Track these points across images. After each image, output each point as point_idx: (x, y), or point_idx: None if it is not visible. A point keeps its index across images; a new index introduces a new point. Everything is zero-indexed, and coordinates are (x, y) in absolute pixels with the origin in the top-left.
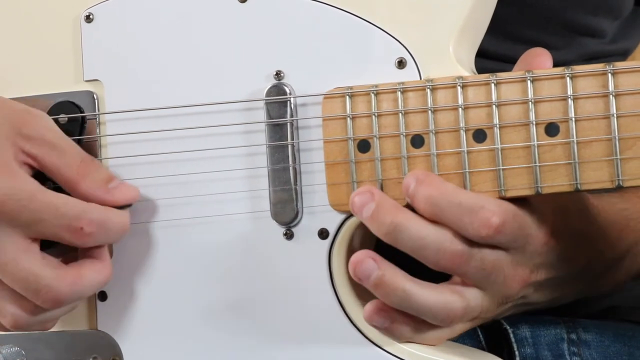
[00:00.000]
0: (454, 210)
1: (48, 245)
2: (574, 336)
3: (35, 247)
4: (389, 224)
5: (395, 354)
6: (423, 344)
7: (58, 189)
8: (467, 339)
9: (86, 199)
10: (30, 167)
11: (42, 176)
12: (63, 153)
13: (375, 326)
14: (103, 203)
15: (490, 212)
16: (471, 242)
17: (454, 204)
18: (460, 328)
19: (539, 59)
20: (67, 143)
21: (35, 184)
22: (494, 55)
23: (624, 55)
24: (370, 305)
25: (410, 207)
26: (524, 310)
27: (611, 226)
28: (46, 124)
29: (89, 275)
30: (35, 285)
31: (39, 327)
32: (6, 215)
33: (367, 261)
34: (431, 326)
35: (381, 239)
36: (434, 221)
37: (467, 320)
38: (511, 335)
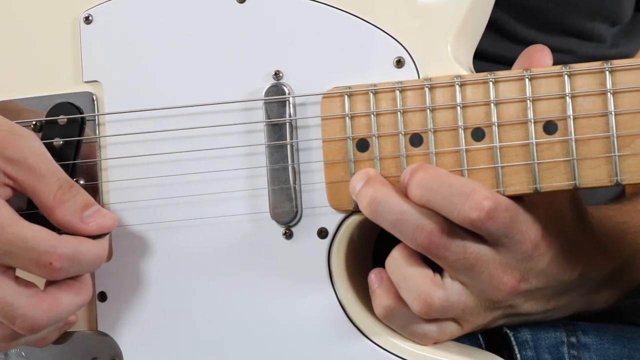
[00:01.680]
0: (445, 192)
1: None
2: (573, 339)
3: (10, 274)
4: (370, 195)
5: (397, 354)
6: (405, 334)
7: None
8: (467, 342)
9: (61, 226)
10: (12, 188)
11: None
12: (42, 178)
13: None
14: (77, 232)
15: (482, 196)
16: (454, 226)
17: (446, 185)
18: (450, 332)
19: (539, 54)
20: (48, 167)
21: (8, 215)
22: (492, 57)
23: None
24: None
25: None
26: (517, 321)
27: (607, 238)
28: (30, 146)
29: (66, 299)
30: (11, 314)
31: (29, 344)
32: None
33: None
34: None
35: (363, 213)
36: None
37: (448, 315)
38: (512, 339)
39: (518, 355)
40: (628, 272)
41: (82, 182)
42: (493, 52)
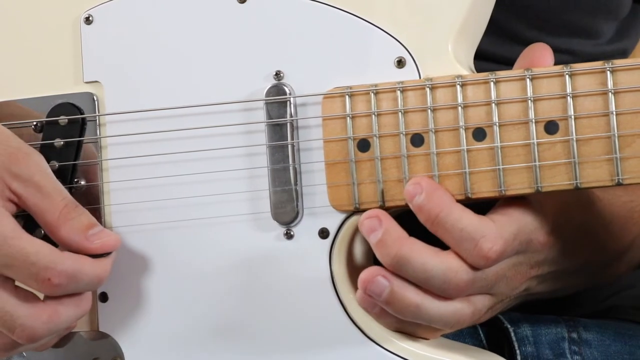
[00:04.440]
0: (456, 235)
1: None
2: (574, 335)
3: (10, 284)
4: (393, 255)
5: (398, 354)
6: (414, 334)
7: None
8: (468, 337)
9: (65, 244)
10: (15, 204)
11: None
12: (47, 196)
13: (366, 305)
14: (81, 250)
15: (491, 242)
16: (474, 268)
17: (457, 229)
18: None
19: (540, 54)
20: (54, 186)
21: (11, 227)
22: (493, 57)
23: (622, 55)
24: (365, 273)
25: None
26: (527, 299)
27: (615, 219)
28: (37, 164)
29: (66, 311)
30: (10, 323)
31: (28, 350)
32: None
33: (378, 279)
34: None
35: (385, 266)
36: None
37: (474, 321)
38: (512, 334)
39: (517, 351)
40: (636, 248)
41: (82, 182)
42: (494, 52)
